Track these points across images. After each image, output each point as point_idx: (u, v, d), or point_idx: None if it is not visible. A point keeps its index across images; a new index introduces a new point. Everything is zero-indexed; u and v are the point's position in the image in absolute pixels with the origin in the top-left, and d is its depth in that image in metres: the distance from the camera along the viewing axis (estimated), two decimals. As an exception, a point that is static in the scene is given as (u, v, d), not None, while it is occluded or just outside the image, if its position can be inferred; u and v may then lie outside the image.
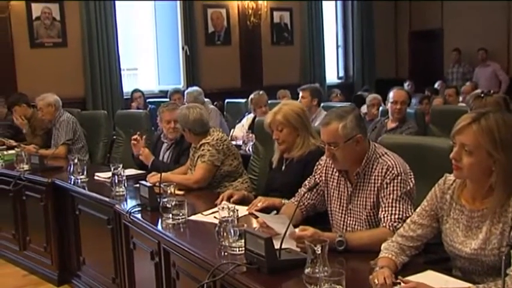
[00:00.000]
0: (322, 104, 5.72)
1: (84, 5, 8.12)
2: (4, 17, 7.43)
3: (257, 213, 2.71)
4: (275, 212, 2.90)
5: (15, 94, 6.32)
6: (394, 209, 2.38)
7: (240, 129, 5.89)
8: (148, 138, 4.82)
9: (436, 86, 8.85)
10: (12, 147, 5.55)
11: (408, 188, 2.42)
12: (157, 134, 4.70)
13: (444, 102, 7.10)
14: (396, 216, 2.35)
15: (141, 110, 6.55)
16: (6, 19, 7.49)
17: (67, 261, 4.31)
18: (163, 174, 3.41)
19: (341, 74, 11.55)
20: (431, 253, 2.35)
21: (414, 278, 1.97)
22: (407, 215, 2.32)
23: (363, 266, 2.11)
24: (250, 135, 5.23)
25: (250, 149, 4.86)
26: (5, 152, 5.23)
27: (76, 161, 4.14)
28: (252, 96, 5.93)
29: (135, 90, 7.78)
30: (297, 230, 2.31)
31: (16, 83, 7.57)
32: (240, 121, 6.23)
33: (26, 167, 4.62)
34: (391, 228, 2.32)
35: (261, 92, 5.95)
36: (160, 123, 4.37)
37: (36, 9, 7.83)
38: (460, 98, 7.70)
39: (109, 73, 8.41)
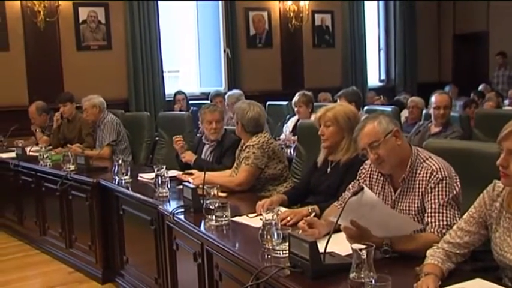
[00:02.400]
0: (365, 108, 5.60)
1: (128, 8, 8.27)
2: (53, 21, 7.63)
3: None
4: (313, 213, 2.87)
5: (65, 93, 6.44)
6: (441, 215, 2.33)
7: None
8: (191, 140, 4.88)
9: (479, 89, 8.65)
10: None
11: (454, 192, 2.37)
12: (198, 136, 4.74)
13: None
14: (444, 223, 2.31)
15: (183, 112, 6.61)
16: (54, 23, 7.70)
17: (111, 260, 4.38)
18: (206, 175, 3.38)
19: (382, 77, 11.43)
20: (478, 261, 2.29)
21: (463, 285, 1.93)
22: (455, 221, 2.27)
23: (408, 271, 2.08)
24: (292, 137, 5.22)
25: (292, 152, 4.84)
26: (53, 153, 5.37)
27: (120, 161, 4.20)
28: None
29: (178, 92, 7.84)
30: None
31: (63, 85, 7.76)
32: (282, 124, 6.21)
33: (72, 167, 4.73)
34: (439, 235, 2.27)
35: (307, 92, 5.89)
36: (201, 125, 4.40)
37: (83, 13, 8.03)
38: (506, 102, 7.53)
39: (152, 75, 8.54)
